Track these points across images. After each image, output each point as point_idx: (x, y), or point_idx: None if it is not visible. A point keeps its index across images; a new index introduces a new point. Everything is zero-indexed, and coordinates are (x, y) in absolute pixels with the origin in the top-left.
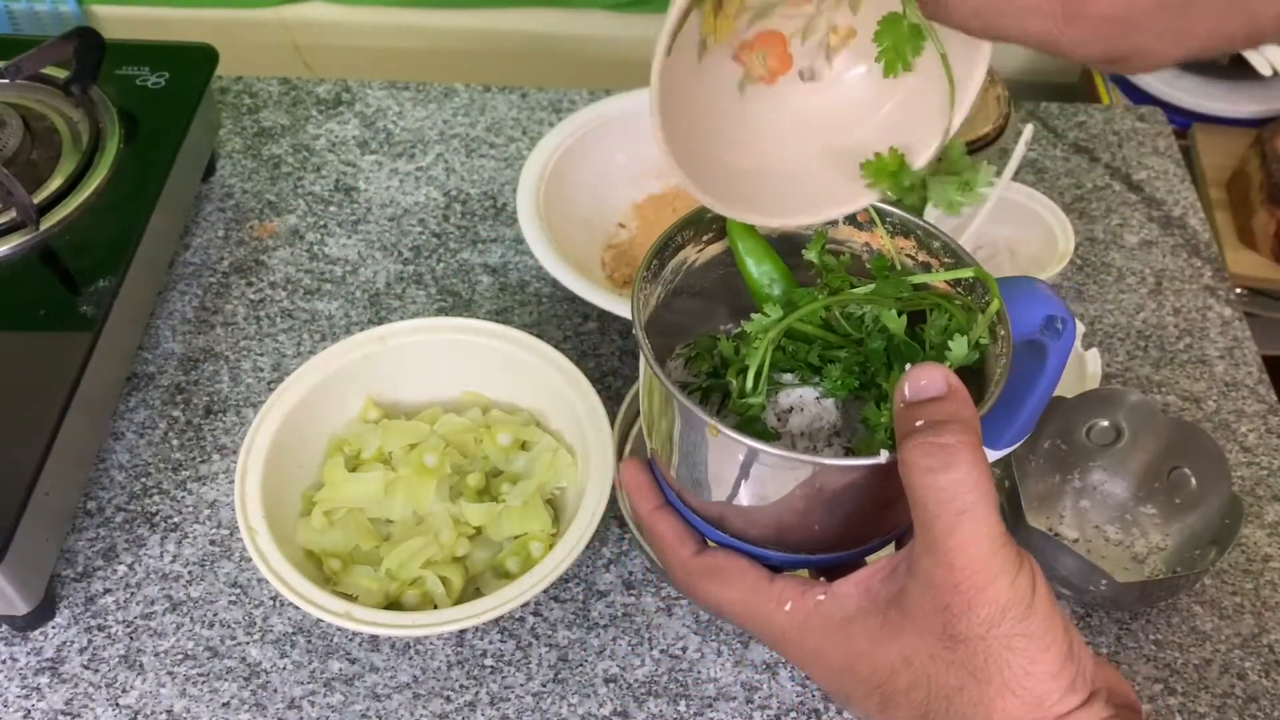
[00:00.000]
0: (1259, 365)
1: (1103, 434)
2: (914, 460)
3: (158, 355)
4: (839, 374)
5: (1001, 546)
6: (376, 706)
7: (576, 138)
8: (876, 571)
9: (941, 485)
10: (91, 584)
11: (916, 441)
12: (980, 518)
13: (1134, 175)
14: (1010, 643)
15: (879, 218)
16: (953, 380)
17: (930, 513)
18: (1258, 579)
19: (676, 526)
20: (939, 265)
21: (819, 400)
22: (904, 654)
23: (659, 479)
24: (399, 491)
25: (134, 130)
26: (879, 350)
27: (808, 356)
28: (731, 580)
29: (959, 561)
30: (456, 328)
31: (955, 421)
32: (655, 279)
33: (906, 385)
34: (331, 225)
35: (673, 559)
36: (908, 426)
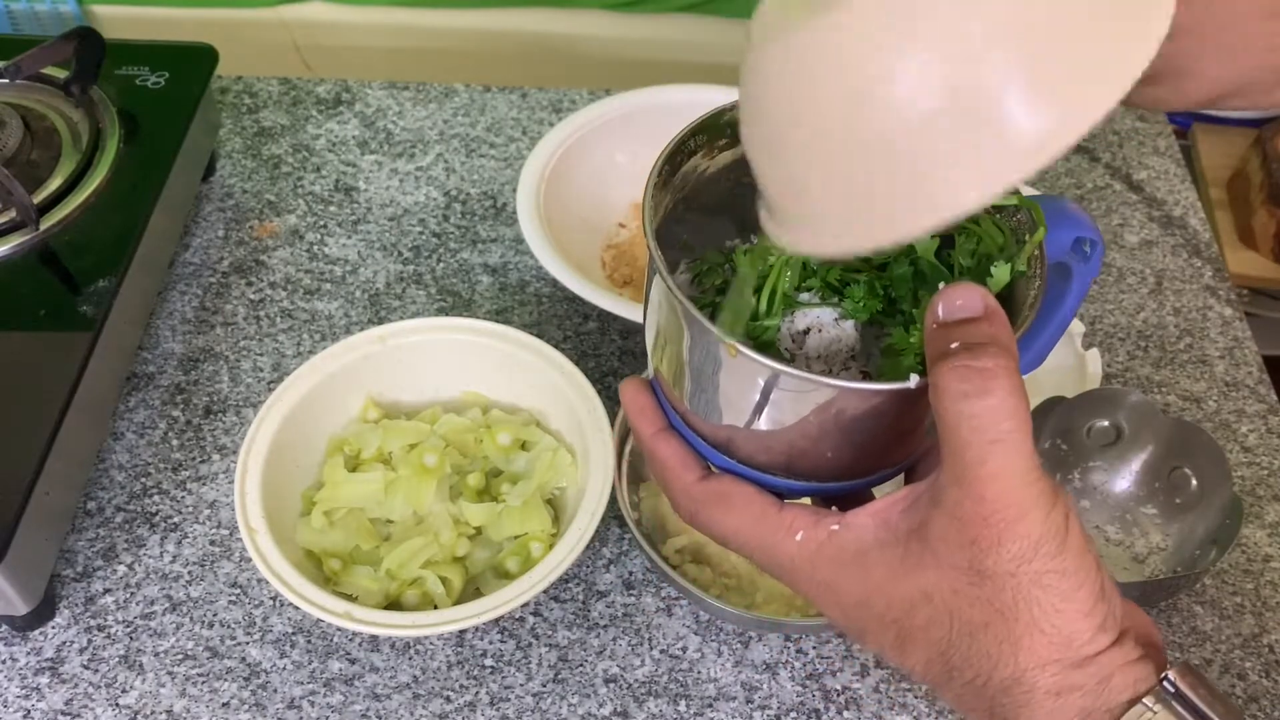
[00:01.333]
0: (1259, 365)
1: (1103, 434)
2: (947, 384)
3: (158, 355)
4: (861, 295)
5: (1037, 479)
6: (376, 706)
7: (576, 138)
8: (895, 502)
9: (976, 411)
10: (91, 584)
11: (951, 365)
12: (1015, 447)
13: (1134, 175)
14: (1041, 579)
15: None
16: (990, 301)
17: (962, 440)
18: (1258, 579)
19: (680, 451)
20: None
21: (837, 322)
22: (924, 588)
23: (662, 401)
24: (399, 491)
25: (134, 130)
26: (905, 275)
27: (827, 275)
28: (738, 507)
29: (990, 493)
30: (456, 328)
31: (993, 344)
32: (665, 186)
33: (941, 305)
34: (331, 225)
35: (676, 485)
36: (941, 348)
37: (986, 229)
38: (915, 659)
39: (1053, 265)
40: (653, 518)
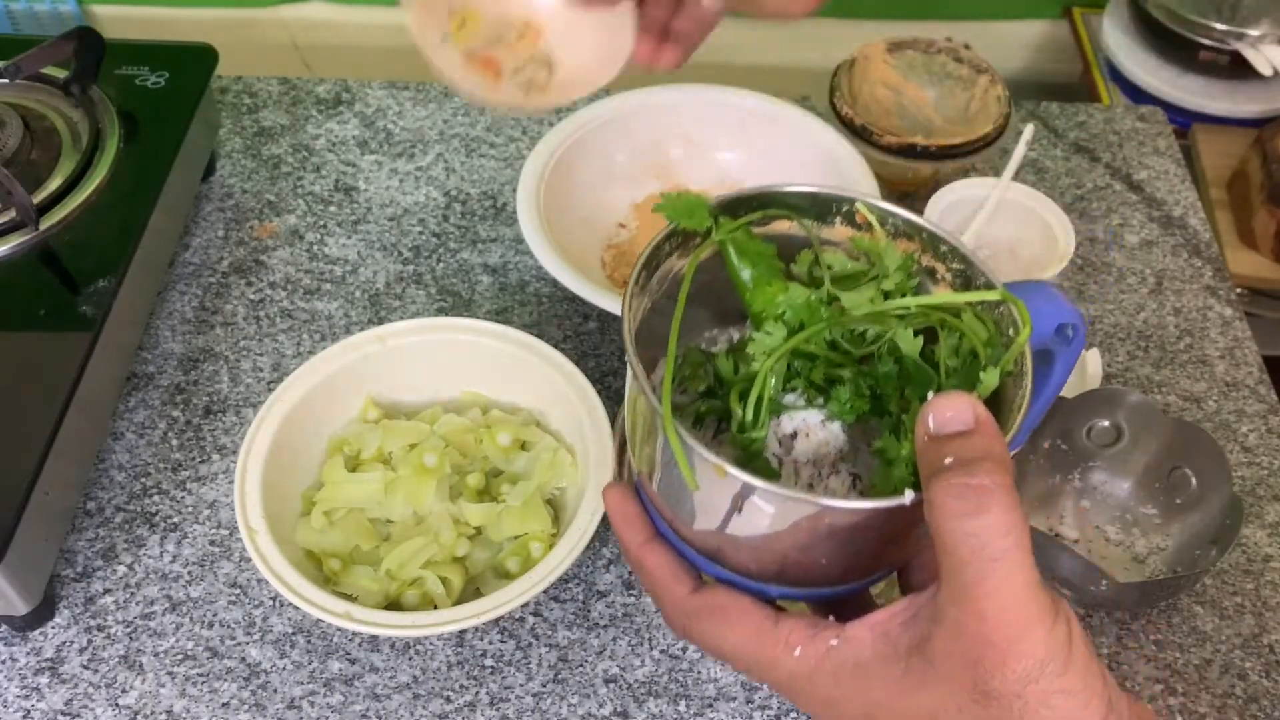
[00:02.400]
0: (1259, 365)
1: (1103, 434)
2: (943, 502)
3: (157, 355)
4: (847, 396)
5: (1036, 594)
6: (376, 707)
7: (576, 138)
8: (894, 615)
9: (973, 530)
10: (91, 584)
11: (947, 482)
12: (1015, 564)
13: (1134, 175)
14: (1049, 700)
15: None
16: (981, 412)
17: (961, 559)
18: (1258, 579)
19: (670, 562)
20: (945, 269)
21: (824, 424)
22: (928, 708)
23: (647, 505)
24: (399, 491)
25: (134, 130)
26: (890, 374)
27: (811, 374)
28: (733, 621)
29: (991, 611)
30: (456, 328)
31: (987, 459)
32: (643, 291)
33: (931, 416)
34: (331, 225)
35: (667, 598)
36: (935, 464)
37: (969, 324)
38: None
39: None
40: None
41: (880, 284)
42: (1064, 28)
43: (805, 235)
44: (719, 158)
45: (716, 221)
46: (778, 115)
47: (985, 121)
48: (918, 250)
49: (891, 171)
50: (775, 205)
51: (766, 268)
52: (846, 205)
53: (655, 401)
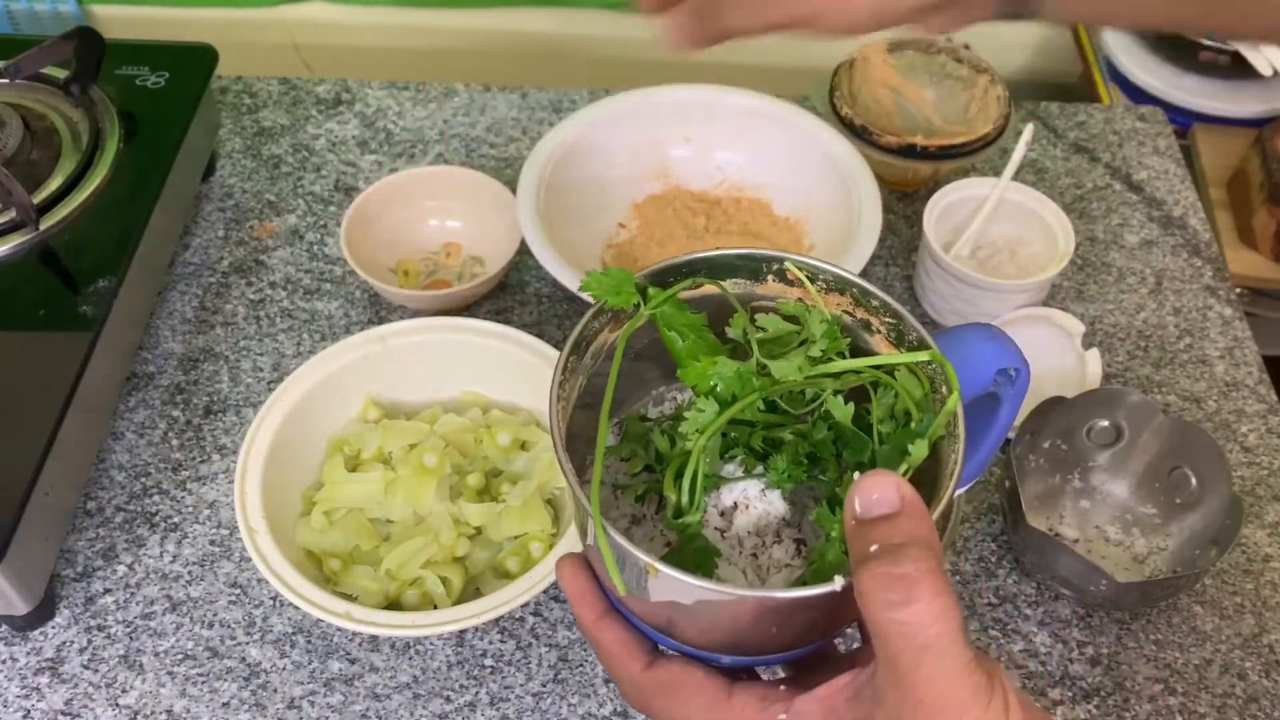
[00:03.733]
0: (1259, 365)
1: (1103, 434)
2: (871, 592)
3: (158, 355)
4: (784, 465)
5: (970, 675)
6: (376, 706)
7: (576, 138)
8: (840, 690)
9: (903, 619)
10: (91, 584)
11: (873, 572)
12: (945, 649)
13: (1134, 175)
14: None
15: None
16: (906, 492)
17: (894, 647)
18: (1258, 579)
19: (624, 637)
20: (879, 323)
21: (764, 493)
22: None
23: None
24: (399, 491)
25: (134, 130)
26: (826, 440)
27: (749, 440)
28: (686, 697)
29: (927, 696)
30: (456, 328)
31: (913, 545)
32: (575, 371)
33: (857, 500)
34: (331, 225)
35: (622, 673)
36: (861, 551)
37: (904, 382)
38: None
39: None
40: None
41: (808, 349)
42: (1064, 28)
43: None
44: (719, 158)
45: (645, 295)
46: (778, 115)
47: (985, 121)
48: (850, 305)
49: (891, 171)
50: (704, 271)
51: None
52: (777, 264)
53: (586, 504)
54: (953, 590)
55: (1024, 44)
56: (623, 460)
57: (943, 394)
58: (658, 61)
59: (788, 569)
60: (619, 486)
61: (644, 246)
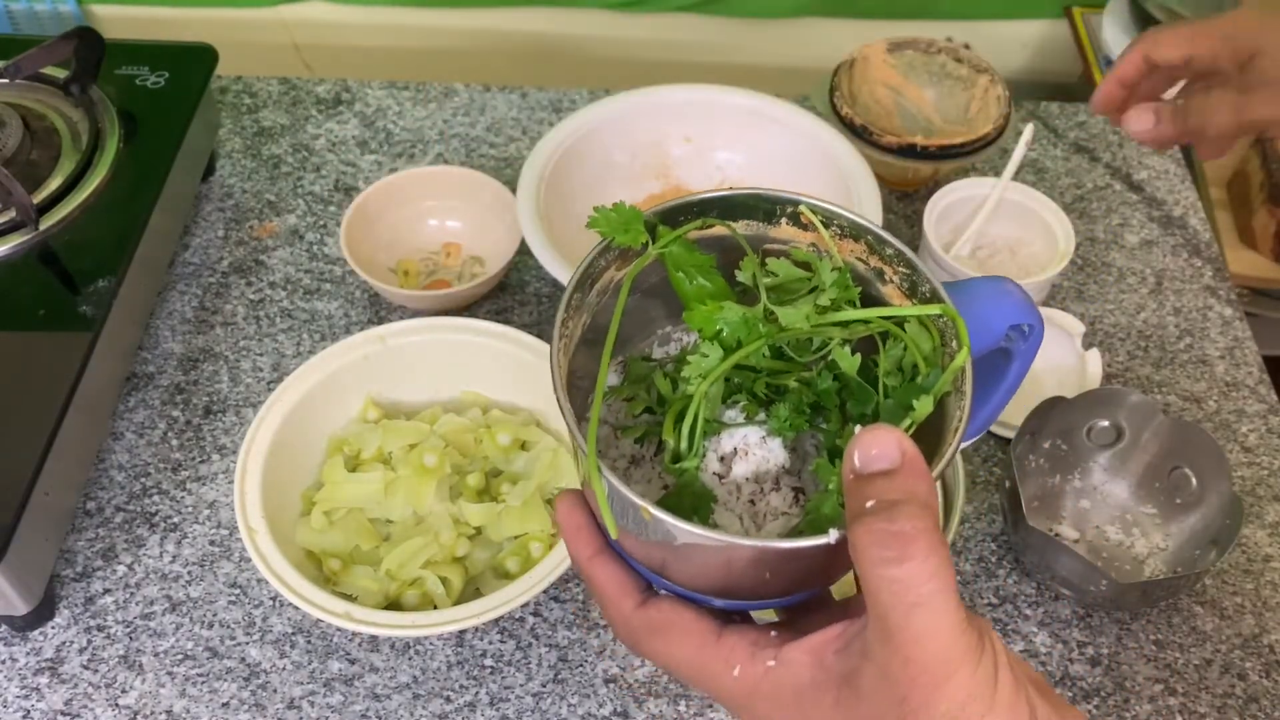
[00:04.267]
0: (1259, 365)
1: (1103, 434)
2: (865, 547)
3: (157, 355)
4: (787, 414)
5: (960, 635)
6: (376, 707)
7: (576, 138)
8: (830, 640)
9: (895, 576)
10: (91, 584)
11: (868, 527)
12: (938, 609)
13: (1134, 175)
14: None
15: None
16: (907, 448)
17: (884, 603)
18: (1258, 579)
19: (617, 575)
20: (893, 272)
21: (764, 440)
22: None
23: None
24: (399, 491)
25: (134, 130)
26: (830, 390)
27: (753, 387)
28: (676, 638)
29: (915, 655)
30: (456, 328)
31: (910, 503)
32: (580, 309)
33: (856, 454)
34: (331, 225)
35: (614, 612)
36: (858, 506)
37: (913, 333)
38: None
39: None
40: None
41: (817, 297)
42: (1064, 27)
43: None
44: (719, 158)
45: (654, 234)
46: (778, 115)
47: (985, 121)
48: (864, 252)
49: (891, 171)
50: (716, 211)
51: (706, 279)
52: (791, 206)
53: (582, 443)
54: (947, 550)
55: (1024, 44)
56: (624, 401)
57: (952, 348)
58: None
59: (784, 517)
60: (619, 427)
61: None
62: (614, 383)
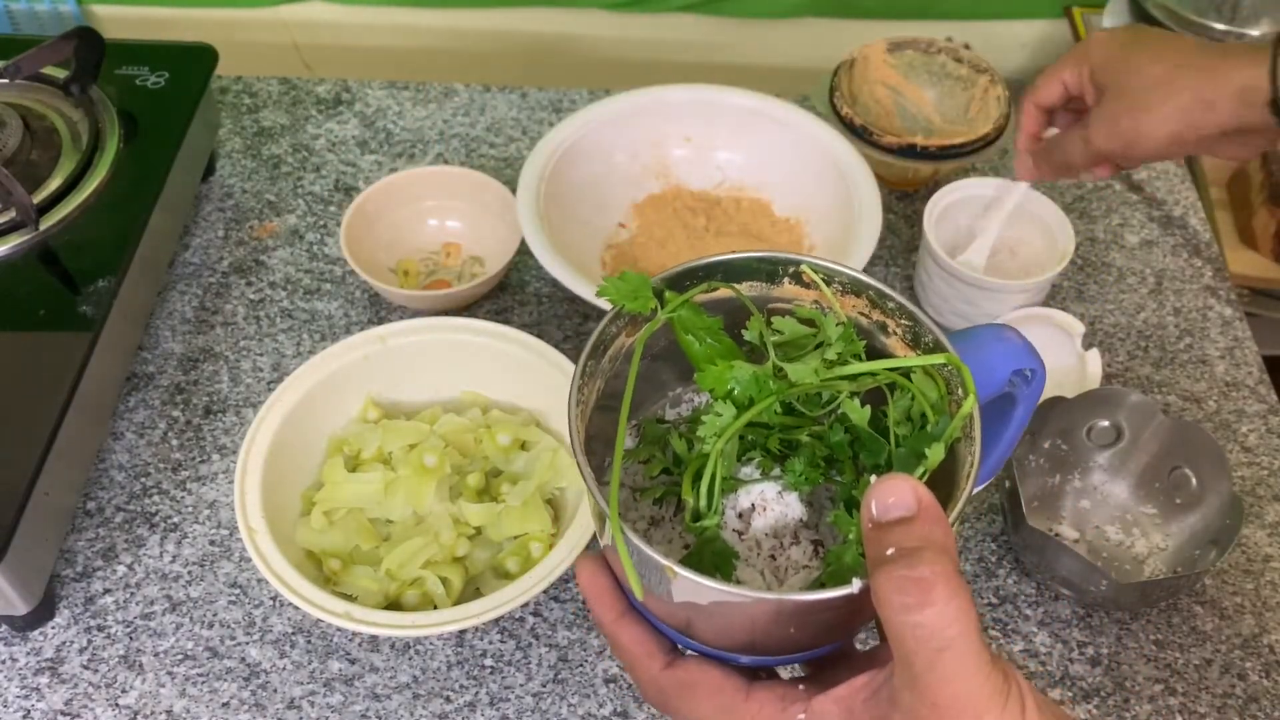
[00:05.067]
0: (1259, 365)
1: (1103, 434)
2: (888, 595)
3: (157, 355)
4: (801, 468)
5: (987, 677)
6: (376, 706)
7: (576, 138)
8: (857, 690)
9: (919, 622)
10: (91, 584)
11: (889, 575)
12: (963, 652)
13: (1134, 175)
14: None
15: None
16: (923, 496)
17: (909, 649)
18: (1258, 579)
19: (643, 637)
20: (895, 325)
21: (781, 495)
22: None
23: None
24: (399, 491)
25: (134, 130)
26: (842, 443)
27: (766, 443)
28: (704, 695)
29: (943, 698)
30: (456, 328)
31: (928, 549)
32: (594, 375)
33: (874, 503)
34: (331, 225)
35: (641, 673)
36: (878, 554)
37: (920, 384)
38: None
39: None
40: None
41: (824, 352)
42: (1064, 28)
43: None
44: (719, 158)
45: (661, 299)
46: (778, 115)
47: (985, 121)
48: (866, 307)
49: (891, 171)
50: (720, 274)
51: (715, 340)
52: (793, 266)
53: (604, 506)
54: (969, 593)
55: (1024, 44)
56: (641, 463)
57: (959, 395)
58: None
59: (805, 570)
60: (637, 489)
61: (644, 246)
62: (629, 445)
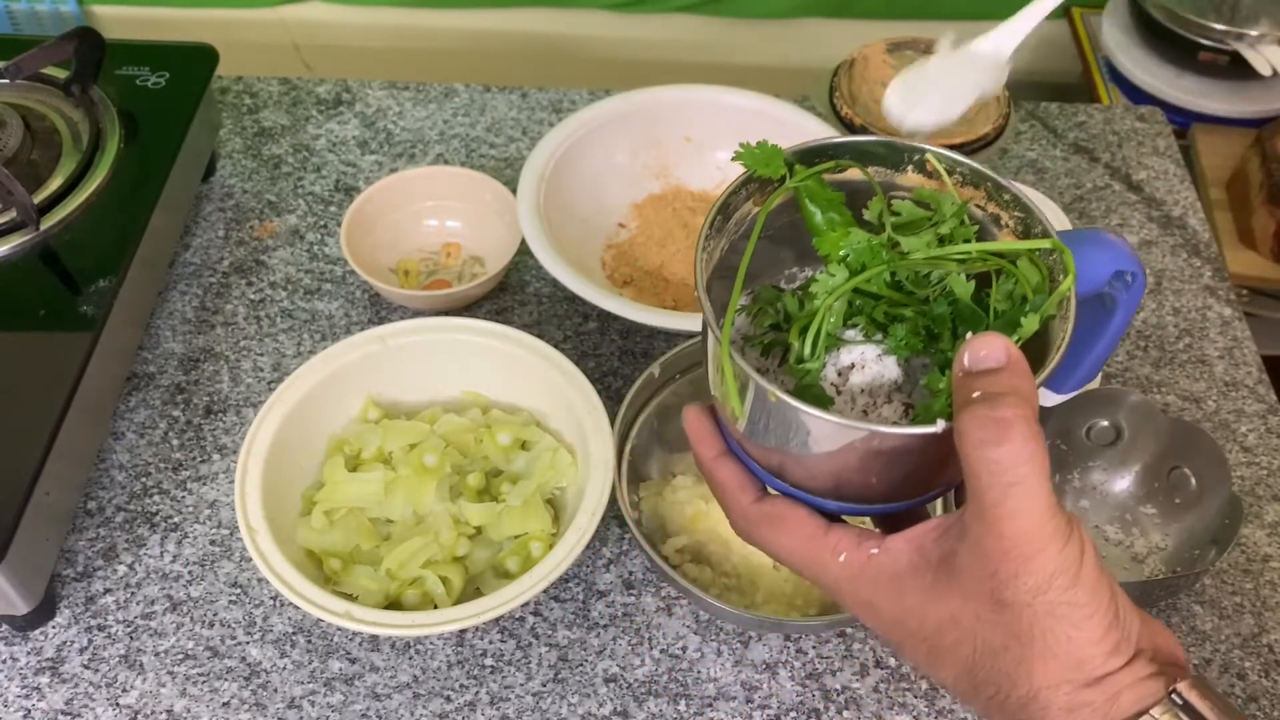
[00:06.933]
0: (1259, 365)
1: (1103, 434)
2: (969, 431)
3: (158, 355)
4: (903, 334)
5: (1051, 517)
6: (376, 706)
7: (576, 138)
8: (929, 530)
9: (994, 457)
10: (91, 584)
11: (973, 413)
12: (1031, 489)
13: (1134, 175)
14: (1055, 610)
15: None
16: (1013, 352)
17: (983, 483)
18: (1257, 579)
19: (737, 474)
20: (1008, 217)
21: (880, 358)
22: (952, 613)
23: (721, 426)
24: (399, 491)
25: (134, 130)
26: (945, 315)
27: (872, 312)
28: (789, 529)
29: (1008, 530)
30: (456, 328)
31: (1012, 394)
32: (720, 233)
33: (966, 354)
34: (331, 225)
35: (733, 505)
36: (965, 397)
37: (1024, 270)
38: (945, 673)
39: (1095, 296)
40: (653, 518)
41: (937, 229)
42: (1064, 28)
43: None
44: (719, 158)
45: (791, 170)
46: (778, 115)
47: (985, 121)
48: (983, 199)
49: None
50: (849, 154)
51: (836, 213)
52: (918, 155)
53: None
54: (1044, 442)
55: (1024, 44)
56: (753, 315)
57: (1059, 282)
58: (658, 61)
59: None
60: (747, 338)
61: (644, 246)
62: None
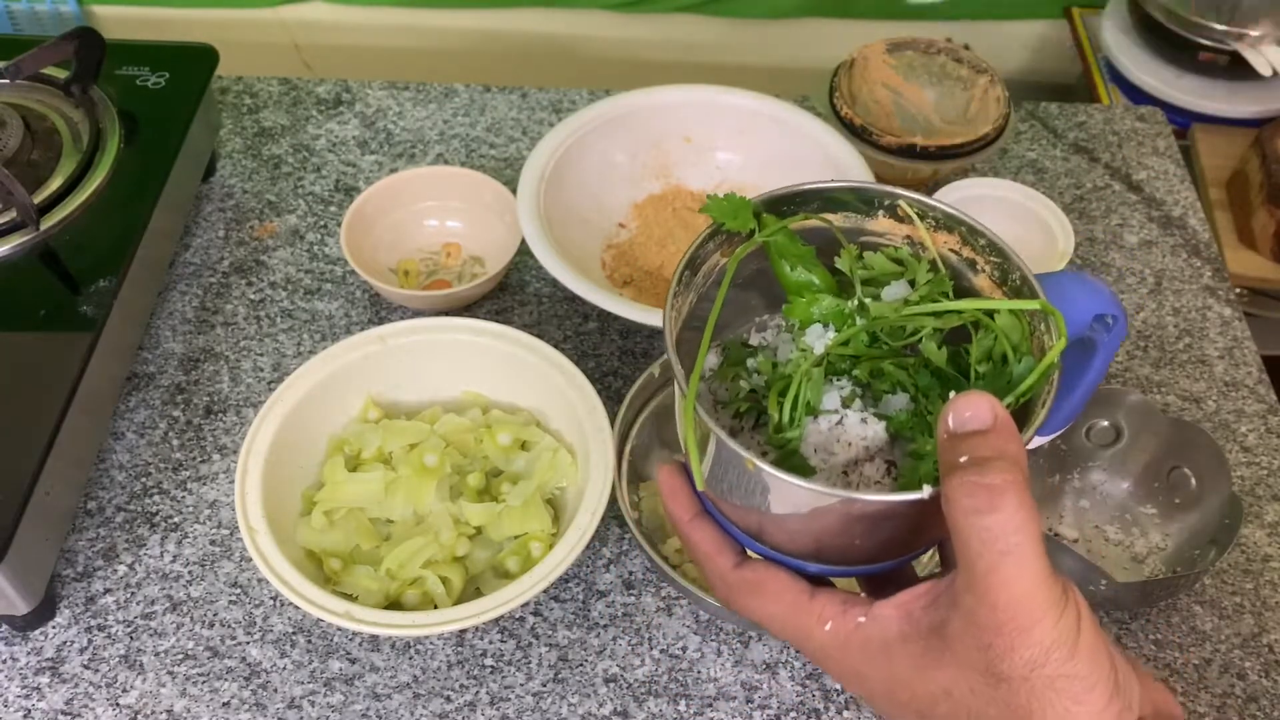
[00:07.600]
0: (1259, 365)
1: (1103, 434)
2: (958, 499)
3: (158, 355)
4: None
5: (1046, 586)
6: (376, 706)
7: (576, 138)
8: (919, 596)
9: (985, 525)
10: (92, 584)
11: (961, 479)
12: (1024, 558)
13: (1134, 175)
14: (1054, 684)
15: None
16: (999, 412)
17: (974, 551)
18: (1258, 579)
19: (715, 537)
20: (984, 262)
21: (863, 422)
22: (945, 685)
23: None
24: (399, 491)
25: (134, 130)
26: (931, 385)
27: (853, 371)
28: (771, 596)
29: (1002, 601)
30: (456, 328)
31: (1001, 459)
32: (688, 288)
33: (951, 415)
34: (331, 225)
35: (712, 571)
36: (951, 461)
37: (1003, 323)
38: None
39: (1077, 340)
40: (653, 518)
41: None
42: (1063, 28)
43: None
44: (719, 158)
45: (759, 221)
46: (778, 115)
47: (985, 122)
48: (957, 243)
49: (891, 172)
50: (818, 202)
51: (808, 269)
52: (889, 200)
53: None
54: (1036, 508)
55: (1024, 44)
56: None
57: (1040, 335)
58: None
59: (878, 486)
60: (719, 401)
61: (644, 246)
62: (714, 364)
